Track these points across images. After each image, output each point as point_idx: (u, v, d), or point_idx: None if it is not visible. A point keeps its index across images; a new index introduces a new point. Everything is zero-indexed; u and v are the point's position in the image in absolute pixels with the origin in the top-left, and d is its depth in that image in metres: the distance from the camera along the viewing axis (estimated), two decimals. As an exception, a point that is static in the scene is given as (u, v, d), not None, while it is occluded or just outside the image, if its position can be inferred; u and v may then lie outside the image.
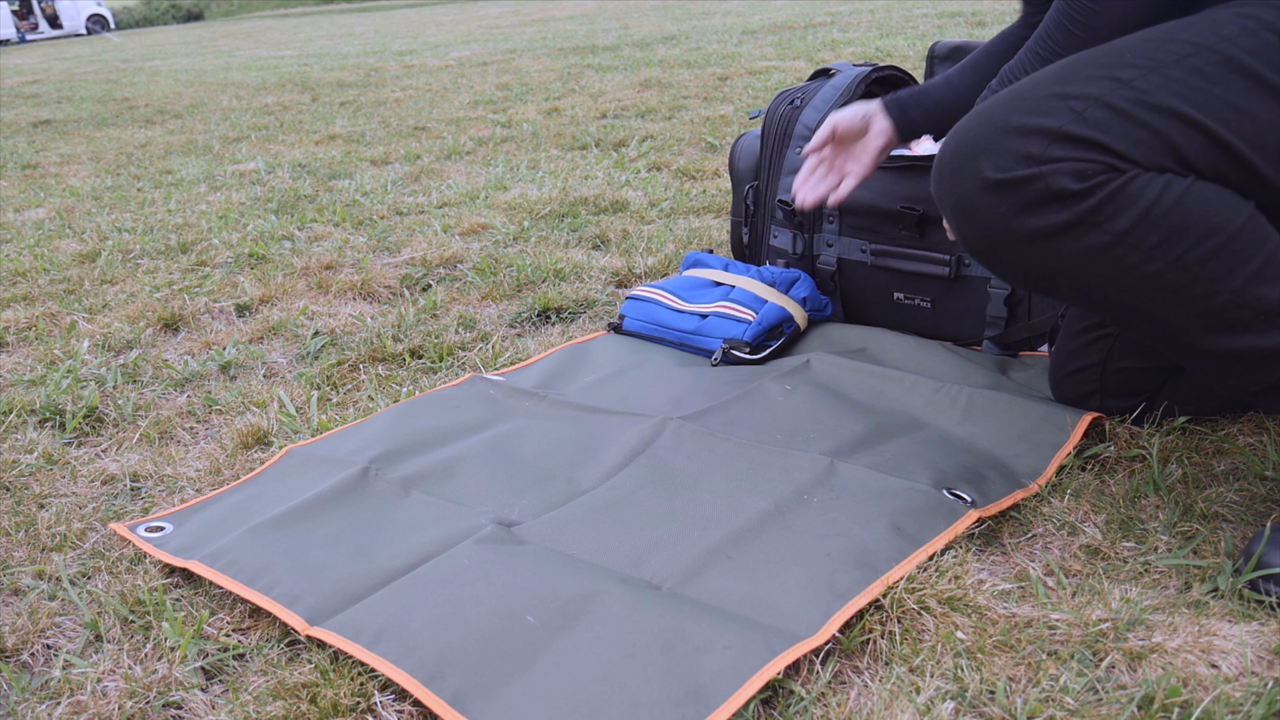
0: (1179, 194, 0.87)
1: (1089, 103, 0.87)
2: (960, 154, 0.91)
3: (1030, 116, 0.88)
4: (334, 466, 1.25)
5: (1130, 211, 0.87)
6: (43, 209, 3.12)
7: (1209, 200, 0.88)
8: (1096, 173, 0.87)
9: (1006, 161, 0.88)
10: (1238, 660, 0.86)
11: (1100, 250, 0.89)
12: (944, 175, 0.94)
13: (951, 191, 0.93)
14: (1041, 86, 0.90)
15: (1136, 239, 0.88)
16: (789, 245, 1.69)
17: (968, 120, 0.93)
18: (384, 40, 10.36)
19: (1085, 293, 0.93)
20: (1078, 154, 0.87)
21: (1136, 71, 0.88)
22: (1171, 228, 0.87)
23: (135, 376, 1.69)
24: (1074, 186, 0.87)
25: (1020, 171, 0.88)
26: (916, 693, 0.85)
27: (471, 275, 2.08)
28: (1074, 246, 0.89)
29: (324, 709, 0.87)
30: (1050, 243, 0.90)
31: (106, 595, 1.06)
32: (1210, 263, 0.89)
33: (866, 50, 5.45)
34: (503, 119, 4.22)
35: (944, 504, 1.08)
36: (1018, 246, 0.91)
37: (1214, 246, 0.88)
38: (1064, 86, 0.89)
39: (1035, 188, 0.88)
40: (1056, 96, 0.88)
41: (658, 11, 10.68)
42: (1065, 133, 0.87)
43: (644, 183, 2.80)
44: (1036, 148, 0.87)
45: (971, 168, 0.90)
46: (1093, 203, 0.87)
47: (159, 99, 6.25)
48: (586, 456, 1.26)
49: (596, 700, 0.83)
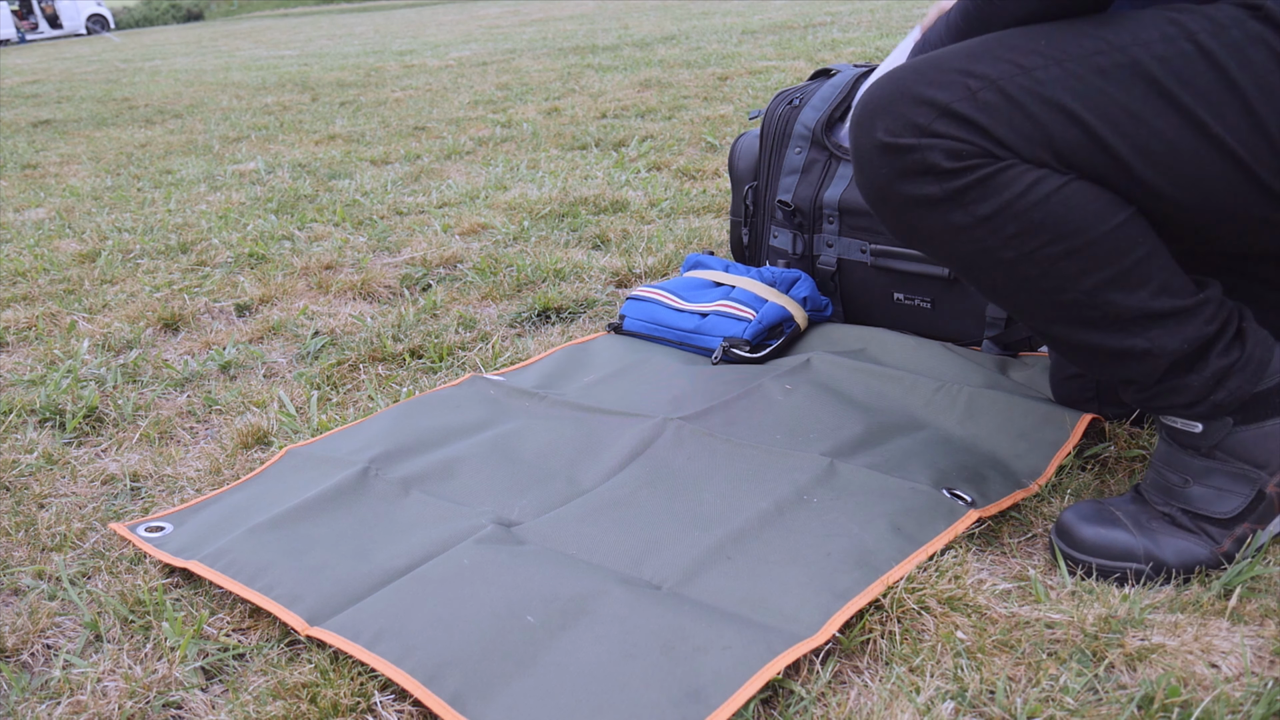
0: (1046, 192, 0.89)
1: (984, 84, 0.89)
2: (866, 109, 0.94)
3: (929, 87, 0.90)
4: (334, 466, 1.25)
5: (994, 200, 0.90)
6: (43, 209, 3.12)
7: (1077, 203, 0.90)
8: (970, 155, 0.89)
9: (896, 126, 0.91)
10: (1238, 660, 0.86)
11: (962, 229, 0.92)
12: (852, 125, 0.97)
13: (854, 143, 0.96)
14: (954, 58, 0.92)
15: (995, 226, 0.91)
16: (789, 245, 1.69)
17: (883, 78, 0.95)
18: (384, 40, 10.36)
19: (950, 262, 0.97)
20: (957, 133, 0.89)
21: (1041, 60, 0.89)
22: (1030, 222, 0.90)
23: (135, 376, 1.69)
24: (946, 164, 0.89)
25: (905, 139, 0.91)
26: (916, 693, 0.85)
27: (471, 275, 2.08)
28: (940, 220, 0.92)
29: (324, 709, 0.87)
30: (921, 211, 0.93)
31: (106, 595, 1.06)
32: (1062, 262, 0.91)
33: (866, 50, 5.45)
34: (503, 119, 4.22)
35: (944, 504, 1.08)
36: (895, 208, 0.95)
37: (1069, 248, 0.90)
38: (971, 63, 0.91)
39: (913, 157, 0.90)
40: (960, 71, 0.90)
41: (658, 11, 10.68)
42: (952, 109, 0.89)
43: (644, 183, 2.80)
44: (924, 118, 0.90)
45: (869, 124, 0.93)
46: (960, 184, 0.90)
47: (159, 99, 6.26)
48: (586, 456, 1.26)
49: (596, 700, 0.83)
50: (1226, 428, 0.96)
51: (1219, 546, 0.97)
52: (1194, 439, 0.98)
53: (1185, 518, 0.98)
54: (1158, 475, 1.01)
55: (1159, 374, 0.95)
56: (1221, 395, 0.95)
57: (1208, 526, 0.97)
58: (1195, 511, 0.97)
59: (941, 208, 0.92)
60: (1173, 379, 0.95)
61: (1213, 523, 0.97)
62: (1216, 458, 0.97)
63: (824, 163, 1.64)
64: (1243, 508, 0.96)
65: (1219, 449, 0.97)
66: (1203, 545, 0.97)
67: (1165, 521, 0.98)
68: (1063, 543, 1.00)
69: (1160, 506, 0.99)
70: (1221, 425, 0.96)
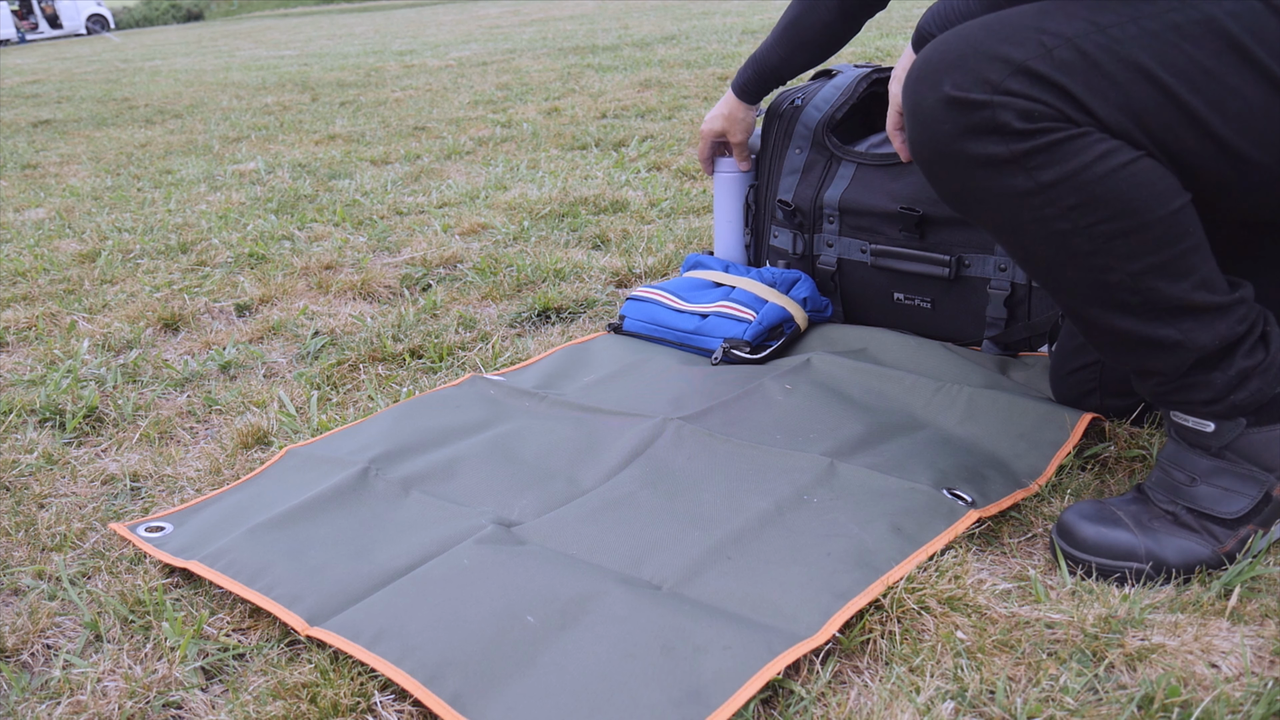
0: (1113, 166, 0.87)
1: (1061, 41, 0.87)
2: (930, 64, 0.92)
3: (1002, 43, 0.88)
4: (334, 467, 1.25)
5: (1059, 167, 0.88)
6: (43, 209, 3.12)
7: (1142, 182, 0.88)
8: (1044, 117, 0.87)
9: (966, 81, 0.89)
10: (1238, 660, 0.86)
11: (1022, 194, 0.90)
12: (911, 81, 0.94)
13: (913, 97, 0.94)
14: (1026, 16, 0.90)
15: (1056, 195, 0.89)
16: (789, 245, 1.69)
17: (948, 35, 0.93)
18: (384, 40, 10.36)
19: (999, 228, 0.95)
20: (1033, 92, 0.87)
21: (1115, 18, 0.87)
22: (1091, 196, 0.88)
23: (135, 376, 1.69)
24: (1017, 125, 0.88)
25: (975, 95, 0.88)
26: (916, 693, 0.85)
27: (471, 275, 2.08)
28: (1001, 182, 0.91)
29: (324, 709, 0.87)
30: (981, 171, 0.91)
31: (106, 595, 1.06)
32: (1117, 241, 0.90)
33: (866, 50, 5.45)
34: (503, 119, 4.22)
35: (944, 504, 1.08)
36: (954, 165, 0.93)
37: (1125, 227, 0.89)
38: (1045, 20, 0.89)
39: (983, 114, 0.88)
40: (1034, 29, 0.88)
41: (658, 11, 10.68)
42: (1027, 67, 0.87)
43: (644, 183, 2.80)
44: (996, 74, 0.87)
45: (935, 79, 0.91)
46: (1029, 146, 0.88)
47: (159, 99, 6.26)
48: (586, 457, 1.26)
49: (596, 700, 0.83)
50: (1239, 428, 0.96)
51: (1221, 546, 0.97)
52: (1204, 438, 0.98)
53: (1189, 516, 0.98)
54: (1163, 473, 1.01)
55: (1185, 368, 0.95)
56: (1241, 396, 0.95)
57: (1212, 526, 0.97)
58: (1200, 510, 0.97)
59: (1005, 170, 0.90)
60: (1197, 375, 0.95)
61: (1217, 522, 0.97)
62: (1225, 458, 0.97)
63: (825, 163, 1.64)
64: (1249, 509, 0.96)
65: (1229, 449, 0.97)
66: (1205, 545, 0.97)
67: (1168, 520, 0.98)
68: (1064, 542, 1.00)
69: (1164, 505, 0.99)
70: (1234, 425, 0.96)
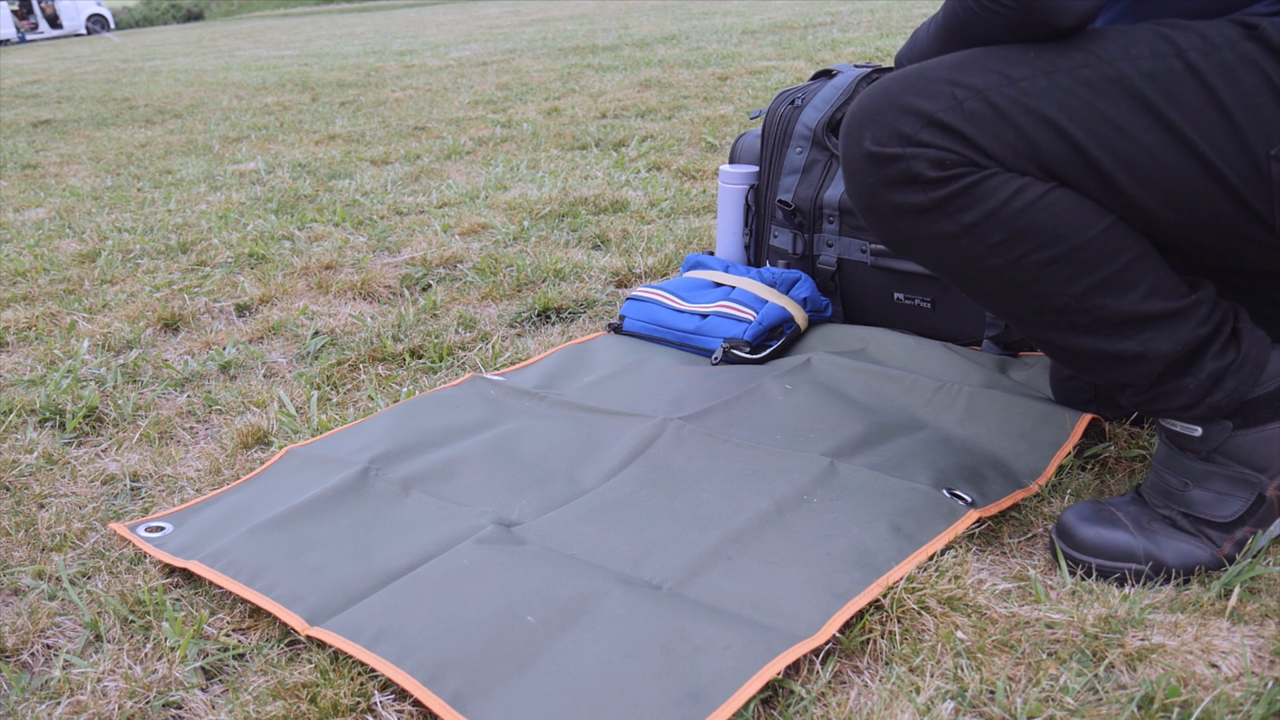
0: (1030, 199, 0.89)
1: (971, 94, 0.89)
2: (855, 118, 0.95)
3: (916, 96, 0.91)
4: (334, 466, 1.25)
5: (979, 208, 0.90)
6: (43, 209, 3.12)
7: (1062, 209, 0.90)
8: (955, 164, 0.89)
9: (883, 135, 0.91)
10: (1238, 660, 0.86)
11: (949, 237, 0.92)
12: (841, 135, 0.97)
13: (843, 152, 0.97)
14: (942, 68, 0.92)
15: (981, 234, 0.91)
16: (789, 245, 1.69)
17: (871, 88, 0.95)
18: (384, 40, 10.36)
19: (940, 269, 0.97)
20: (942, 142, 0.89)
21: (1028, 71, 0.89)
22: (1015, 230, 0.90)
23: (135, 376, 1.69)
24: (931, 174, 0.90)
25: (891, 149, 0.91)
26: (916, 692, 0.85)
27: (471, 275, 2.08)
28: (927, 228, 0.93)
29: (324, 709, 0.87)
30: (908, 219, 0.94)
31: (106, 595, 1.06)
32: (1050, 268, 0.91)
33: (866, 50, 5.45)
34: (503, 119, 4.22)
35: (944, 504, 1.08)
36: (883, 216, 0.95)
37: (1056, 254, 0.91)
38: (959, 73, 0.91)
39: (899, 167, 0.91)
40: (947, 81, 0.90)
41: (658, 11, 10.68)
42: (937, 119, 0.89)
43: (644, 183, 2.80)
44: (910, 128, 0.90)
45: (857, 134, 0.94)
46: (946, 192, 0.90)
47: (159, 99, 6.26)
48: (586, 457, 1.26)
49: (596, 700, 0.83)
50: (1226, 431, 0.96)
51: (1219, 550, 0.97)
52: (1193, 442, 0.98)
53: (1185, 521, 0.98)
54: (1157, 478, 1.01)
55: (1153, 377, 0.95)
56: (1218, 397, 0.95)
57: (1208, 530, 0.97)
58: (1195, 515, 0.97)
59: (928, 216, 0.92)
60: (1168, 382, 0.95)
61: (1213, 526, 0.97)
62: (1216, 461, 0.97)
63: (825, 163, 1.63)
64: (1243, 511, 0.96)
65: (1219, 452, 0.97)
66: (1203, 548, 0.97)
67: (1166, 524, 0.98)
68: (1063, 543, 1.00)
69: (1160, 509, 0.99)
70: (1221, 429, 0.96)
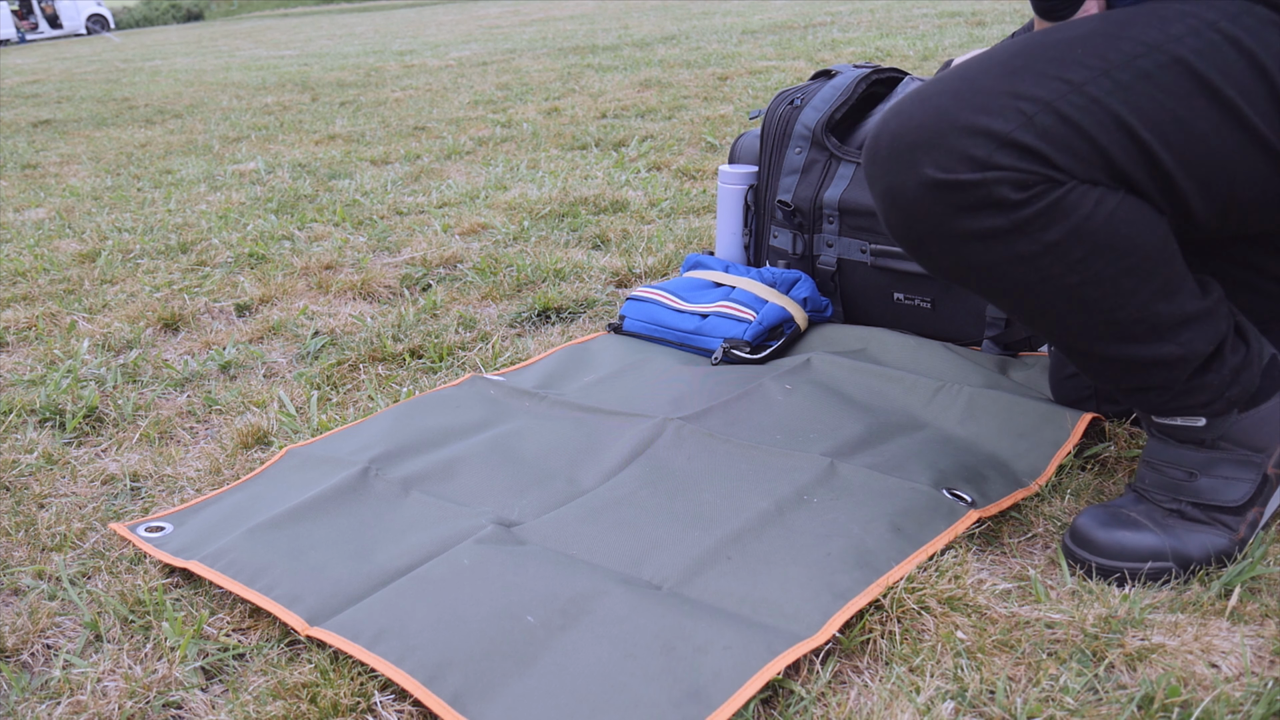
0: (1109, 210, 0.87)
1: (1039, 107, 0.85)
2: (901, 142, 0.88)
3: (979, 115, 0.85)
4: (334, 467, 1.25)
5: (1063, 225, 0.86)
6: (43, 209, 3.12)
7: (1135, 218, 0.88)
8: (1037, 182, 0.85)
9: (950, 161, 0.85)
10: (1238, 660, 0.86)
11: (1027, 258, 0.88)
12: (879, 159, 0.90)
13: (886, 179, 0.90)
14: (992, 77, 0.87)
15: (1063, 251, 0.88)
16: (789, 245, 1.69)
17: (912, 105, 0.89)
18: (384, 40, 10.36)
19: (1002, 292, 0.93)
20: (1021, 164, 0.85)
21: (1088, 74, 0.86)
22: (1096, 244, 0.87)
23: (135, 376, 1.69)
24: (1014, 196, 0.85)
25: (964, 175, 0.85)
26: (916, 693, 0.85)
27: (471, 275, 2.08)
28: (1003, 251, 0.88)
29: (324, 709, 0.87)
30: (981, 244, 0.88)
31: (106, 595, 1.06)
32: (1123, 279, 0.89)
33: (866, 50, 5.45)
34: (503, 119, 4.22)
35: (944, 504, 1.08)
36: (948, 244, 0.90)
37: (1130, 264, 0.89)
38: (1015, 83, 0.86)
39: (978, 193, 0.86)
40: (1007, 94, 0.85)
41: (658, 11, 10.68)
42: (1012, 139, 0.84)
43: (644, 183, 2.80)
44: (982, 151, 0.85)
45: (911, 160, 0.87)
46: (1029, 213, 0.86)
47: (159, 99, 6.25)
48: (586, 457, 1.26)
49: (596, 700, 0.83)
50: (1231, 418, 0.97)
51: (1236, 534, 0.97)
52: (1196, 433, 0.98)
53: (1196, 510, 0.98)
54: (1157, 474, 1.01)
55: (1185, 377, 0.95)
56: (1235, 391, 0.96)
57: (1221, 516, 0.97)
58: (1206, 503, 0.98)
59: (1007, 239, 0.87)
60: (1194, 380, 0.96)
61: (1225, 511, 0.97)
62: (1219, 448, 0.98)
63: (824, 163, 1.64)
64: (1252, 493, 0.97)
65: (1223, 439, 0.97)
66: (1222, 535, 0.97)
67: (1177, 517, 0.98)
68: (1083, 550, 0.99)
69: (1167, 503, 0.99)
70: (1227, 416, 0.97)
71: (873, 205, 1.56)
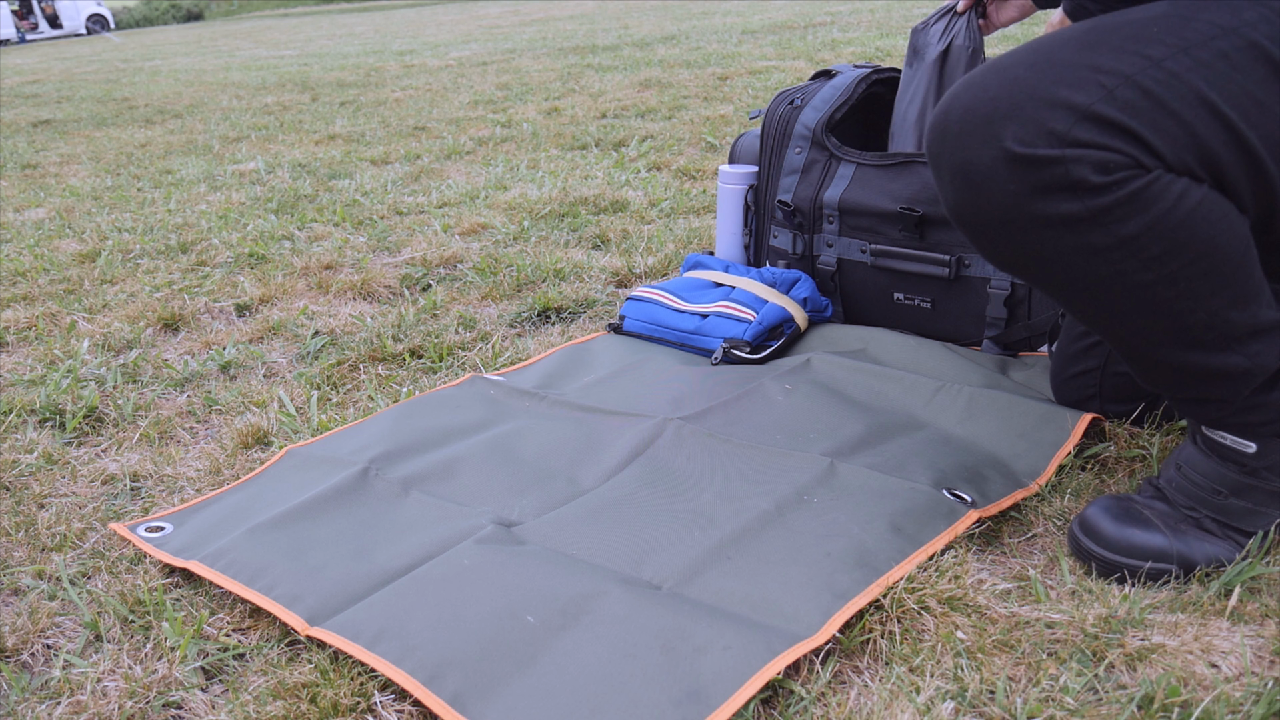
0: (1192, 206, 0.81)
1: (1119, 80, 0.79)
2: (977, 115, 0.82)
3: (1058, 86, 0.79)
4: (334, 467, 1.25)
5: (1141, 218, 0.81)
6: (43, 209, 3.12)
7: (1217, 217, 0.82)
8: (1120, 167, 0.79)
9: (1031, 134, 0.79)
10: (1238, 660, 0.86)
11: (1099, 250, 0.83)
12: (951, 134, 0.84)
13: (959, 154, 0.84)
14: (1069, 49, 0.81)
15: (1139, 247, 0.82)
16: (789, 245, 1.69)
17: (986, 77, 0.83)
18: (384, 40, 10.36)
19: (1064, 285, 0.87)
20: (1104, 140, 0.79)
21: (1166, 50, 0.80)
22: (1175, 242, 0.82)
23: (135, 376, 1.69)
24: (1094, 179, 0.79)
25: (1043, 150, 0.79)
26: (916, 692, 0.85)
27: (471, 275, 2.08)
28: (1074, 241, 0.83)
29: (324, 709, 0.87)
30: (1051, 231, 0.83)
31: (106, 595, 1.06)
32: (1199, 281, 0.84)
33: (866, 50, 5.45)
34: (503, 119, 4.22)
35: (944, 504, 1.08)
36: (1019, 229, 0.84)
37: (1208, 266, 0.83)
38: (1092, 55, 0.80)
39: (1054, 171, 0.79)
40: (1086, 66, 0.80)
41: (658, 11, 10.68)
42: (1093, 111, 0.78)
43: (644, 183, 2.80)
44: (1062, 124, 0.79)
45: (989, 133, 0.81)
46: (1107, 201, 0.80)
47: (159, 99, 6.25)
48: (586, 457, 1.26)
49: (596, 700, 0.83)
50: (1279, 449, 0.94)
51: (1244, 549, 0.97)
52: (1243, 457, 0.95)
53: (1214, 524, 0.97)
54: (1185, 480, 0.98)
55: (1249, 392, 0.91)
56: None
57: (1236, 535, 0.97)
58: (1226, 522, 0.97)
59: (1080, 228, 0.81)
60: (1259, 396, 0.92)
61: (1242, 533, 0.97)
62: (1261, 476, 0.95)
63: (824, 163, 1.64)
64: (1276, 522, 0.96)
65: (1267, 469, 0.95)
66: (1231, 550, 0.97)
67: (1192, 524, 0.97)
68: (1090, 540, 0.98)
69: (1186, 510, 0.98)
70: (1277, 446, 0.94)
71: (873, 205, 1.56)
